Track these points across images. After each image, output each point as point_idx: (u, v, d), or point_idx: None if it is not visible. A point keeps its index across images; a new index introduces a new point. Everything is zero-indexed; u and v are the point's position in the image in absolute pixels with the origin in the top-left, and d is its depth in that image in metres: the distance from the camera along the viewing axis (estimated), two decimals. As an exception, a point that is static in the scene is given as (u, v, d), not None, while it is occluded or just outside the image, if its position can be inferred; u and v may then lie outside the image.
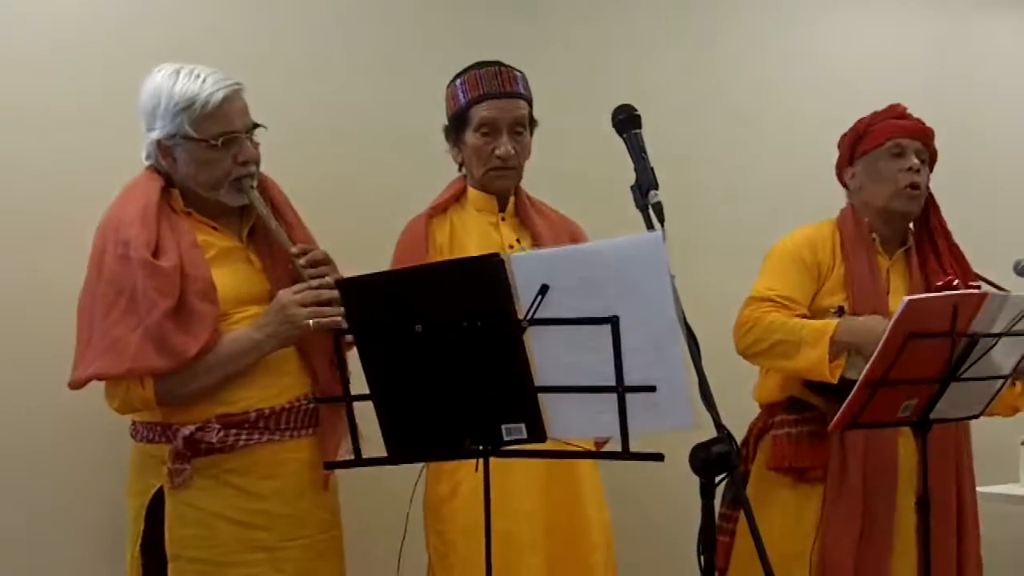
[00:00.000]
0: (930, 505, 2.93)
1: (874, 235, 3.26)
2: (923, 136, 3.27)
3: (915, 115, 3.31)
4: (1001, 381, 2.97)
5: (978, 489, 3.86)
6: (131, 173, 2.76)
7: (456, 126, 3.06)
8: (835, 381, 3.00)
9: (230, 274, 2.70)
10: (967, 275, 3.26)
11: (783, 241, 3.26)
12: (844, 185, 3.35)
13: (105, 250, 2.62)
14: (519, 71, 3.07)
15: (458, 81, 3.05)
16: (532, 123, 3.08)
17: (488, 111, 2.99)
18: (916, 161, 3.23)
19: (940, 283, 3.23)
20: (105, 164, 2.97)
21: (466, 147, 3.04)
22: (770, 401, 3.24)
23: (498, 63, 3.05)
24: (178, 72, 2.65)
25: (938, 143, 3.69)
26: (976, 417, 3.03)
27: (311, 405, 2.73)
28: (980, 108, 4.69)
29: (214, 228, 2.75)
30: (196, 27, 3.30)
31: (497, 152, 3.00)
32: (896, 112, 3.28)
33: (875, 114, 3.28)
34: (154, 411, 2.64)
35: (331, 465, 2.61)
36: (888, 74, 4.49)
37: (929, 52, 4.63)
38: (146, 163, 2.73)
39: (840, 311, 3.09)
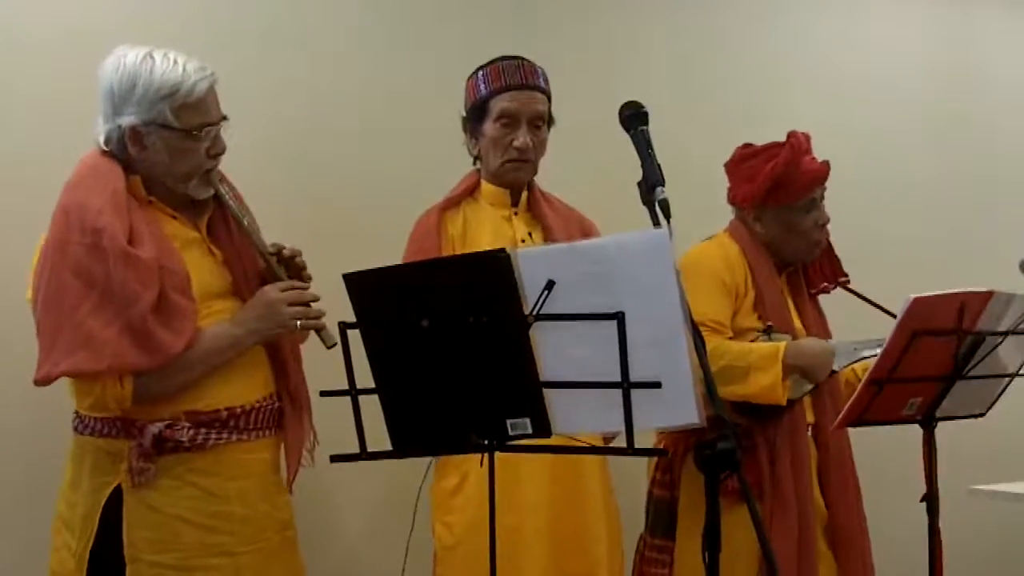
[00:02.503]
0: (938, 503, 2.93)
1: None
2: (827, 177, 3.20)
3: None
4: (1007, 379, 2.97)
5: (987, 487, 3.87)
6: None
7: (475, 117, 3.06)
8: (784, 403, 3.00)
9: (196, 267, 2.58)
10: (836, 274, 3.30)
11: (700, 261, 3.17)
12: (736, 206, 3.27)
13: (69, 238, 2.44)
14: (540, 67, 3.08)
15: (480, 72, 3.06)
16: (550, 120, 3.09)
17: (508, 102, 3.00)
18: (825, 213, 3.20)
19: (814, 291, 3.29)
20: (53, 154, 2.85)
21: (484, 138, 3.05)
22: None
23: (520, 57, 3.06)
24: (152, 56, 2.51)
25: (938, 140, 3.70)
26: (982, 415, 3.03)
27: (321, 397, 2.67)
28: (980, 105, 4.70)
29: (174, 218, 2.62)
30: (189, 17, 3.31)
31: (515, 143, 3.01)
32: (804, 149, 3.15)
33: (788, 161, 3.12)
34: (126, 409, 2.49)
35: (337, 458, 2.51)
36: (889, 71, 4.51)
37: (929, 48, 4.64)
38: (104, 148, 2.56)
39: (769, 330, 3.08)
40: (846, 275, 3.31)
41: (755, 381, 2.98)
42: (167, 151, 2.54)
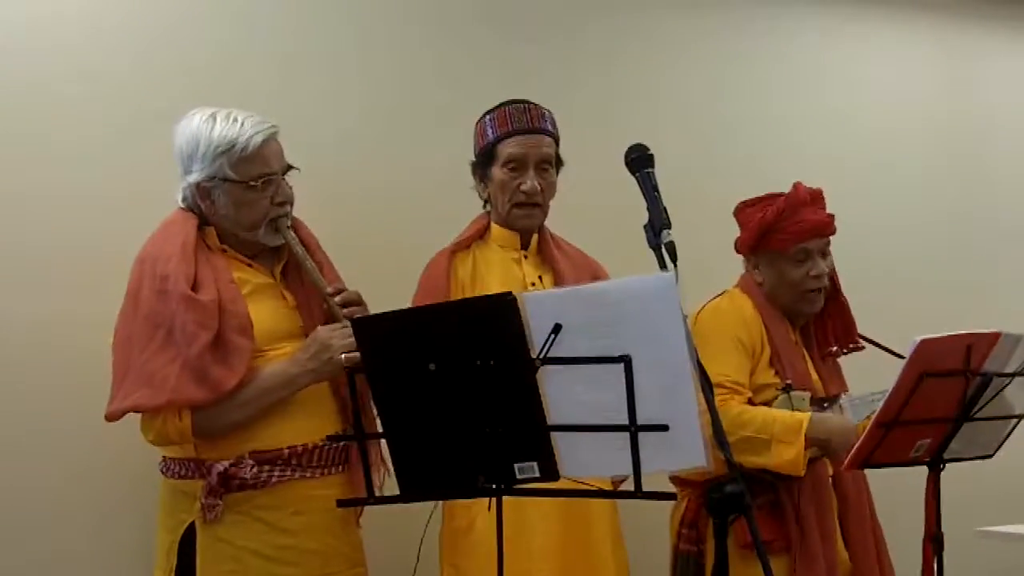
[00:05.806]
0: (943, 544, 2.92)
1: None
2: (827, 231, 3.20)
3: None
4: (1015, 421, 2.96)
5: (995, 528, 3.85)
6: (161, 206, 2.81)
7: (483, 162, 3.08)
8: (802, 475, 2.98)
9: (265, 310, 2.74)
10: (849, 336, 3.29)
11: (716, 320, 3.17)
12: (740, 253, 3.30)
13: (142, 285, 2.66)
14: (547, 110, 3.10)
15: (487, 118, 3.09)
16: (559, 162, 3.11)
17: (515, 147, 3.02)
18: (821, 266, 3.17)
19: (822, 353, 3.28)
20: (135, 197, 3.04)
21: (492, 182, 3.07)
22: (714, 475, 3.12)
23: (526, 101, 3.09)
24: (214, 116, 2.70)
25: (940, 179, 3.64)
26: (989, 457, 3.02)
27: (329, 444, 2.73)
28: (983, 144, 4.72)
29: (249, 265, 2.80)
30: (222, 48, 3.36)
31: (523, 187, 3.02)
32: (801, 200, 3.16)
33: (781, 210, 3.14)
34: (189, 443, 2.66)
35: (343, 503, 2.61)
36: (892, 111, 4.53)
37: (933, 88, 4.66)
38: (181, 205, 2.77)
39: (788, 388, 3.07)
40: (856, 340, 3.29)
41: (777, 453, 2.95)
42: (231, 203, 2.73)
